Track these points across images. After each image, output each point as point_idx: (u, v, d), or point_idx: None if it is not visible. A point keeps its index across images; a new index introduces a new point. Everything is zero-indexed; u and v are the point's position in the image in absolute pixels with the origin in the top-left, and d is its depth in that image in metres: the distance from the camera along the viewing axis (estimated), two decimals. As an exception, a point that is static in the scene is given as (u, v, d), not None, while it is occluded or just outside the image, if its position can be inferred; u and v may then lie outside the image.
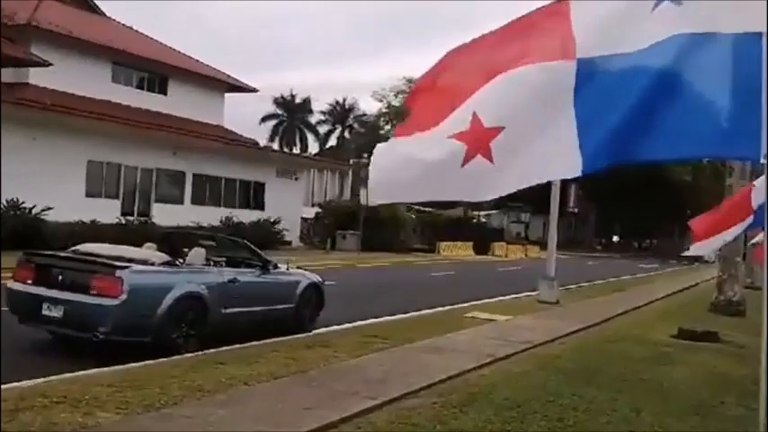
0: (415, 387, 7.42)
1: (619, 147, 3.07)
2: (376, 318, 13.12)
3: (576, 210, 62.98)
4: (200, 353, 8.70)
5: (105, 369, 7.56)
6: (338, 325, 11.93)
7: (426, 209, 46.11)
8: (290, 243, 34.94)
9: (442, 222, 46.17)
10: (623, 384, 8.26)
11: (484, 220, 59.11)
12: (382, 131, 67.55)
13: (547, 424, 6.45)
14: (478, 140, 3.16)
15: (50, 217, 22.73)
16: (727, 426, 6.84)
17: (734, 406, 7.54)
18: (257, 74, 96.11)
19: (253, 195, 35.16)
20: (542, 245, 44.79)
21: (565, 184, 46.90)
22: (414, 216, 42.69)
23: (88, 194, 26.52)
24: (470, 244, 44.72)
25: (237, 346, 9.33)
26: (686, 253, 8.08)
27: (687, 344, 11.65)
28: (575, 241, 71.19)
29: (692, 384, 8.52)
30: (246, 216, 32.12)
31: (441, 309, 15.10)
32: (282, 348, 9.17)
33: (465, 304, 15.90)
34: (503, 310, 14.91)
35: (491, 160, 3.16)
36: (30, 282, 8.75)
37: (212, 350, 8.90)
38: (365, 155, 63.80)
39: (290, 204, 35.94)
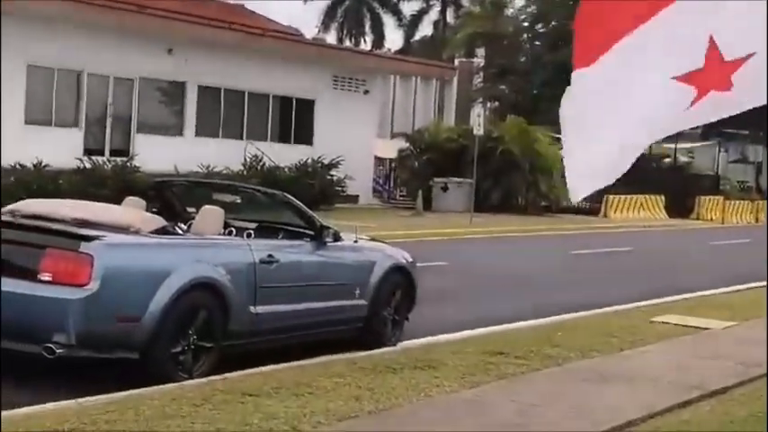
0: (572, 438, 7.42)
1: None
2: (503, 323, 13.13)
3: None
4: (218, 377, 8.87)
5: (67, 403, 7.77)
6: (441, 335, 11.97)
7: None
8: (356, 199, 35.22)
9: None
10: None
11: (684, 158, 57.94)
12: (510, 10, 66.65)
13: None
14: (715, 76, 3.82)
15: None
16: None
17: None
18: None
19: (295, 121, 35.51)
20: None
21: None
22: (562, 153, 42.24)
23: (30, 121, 27.33)
24: (660, 199, 44.09)
25: (278, 367, 9.46)
26: None
27: None
28: None
29: None
30: (285, 155, 32.52)
31: (609, 309, 15.01)
32: (350, 372, 9.25)
33: (651, 302, 15.76)
34: (717, 313, 14.70)
35: (728, 90, 3.83)
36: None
37: (237, 374, 9.06)
38: (480, 51, 63.35)
39: (355, 135, 36.16)
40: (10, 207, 9.80)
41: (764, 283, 18.30)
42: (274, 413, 7.54)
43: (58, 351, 8.39)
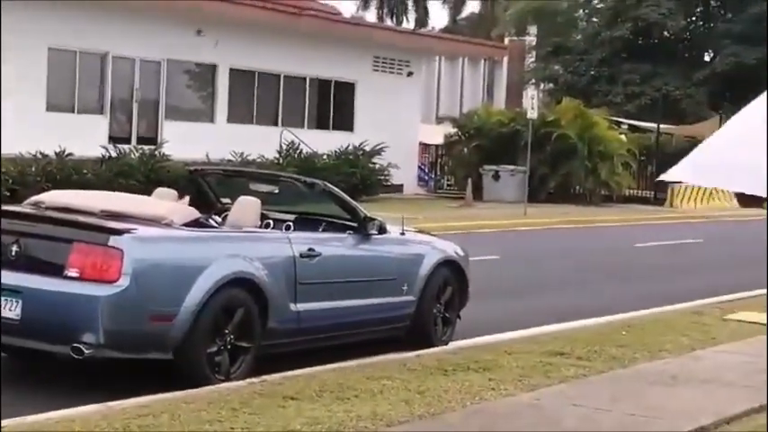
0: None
1: None
2: (561, 321, 13.10)
3: None
4: (256, 380, 8.90)
5: (97, 407, 7.82)
6: (496, 334, 11.98)
7: (650, 125, 45.41)
8: (401, 188, 35.24)
9: (675, 151, 45.38)
10: None
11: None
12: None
13: None
14: None
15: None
16: None
17: None
18: None
19: (334, 106, 35.59)
20: None
21: None
22: (624, 137, 42.04)
23: (52, 107, 27.52)
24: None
25: (320, 368, 9.48)
26: None
27: None
28: None
29: None
30: (323, 142, 32.55)
31: (680, 306, 14.94)
32: (399, 374, 9.27)
33: (724, 298, 15.67)
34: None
35: None
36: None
37: (278, 375, 9.09)
38: (532, 29, 63.12)
39: (399, 121, 36.23)
40: (34, 198, 9.92)
41: None
42: (318, 418, 7.56)
43: (86, 351, 8.46)
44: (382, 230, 11.01)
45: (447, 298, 11.63)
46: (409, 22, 74.78)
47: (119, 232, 8.64)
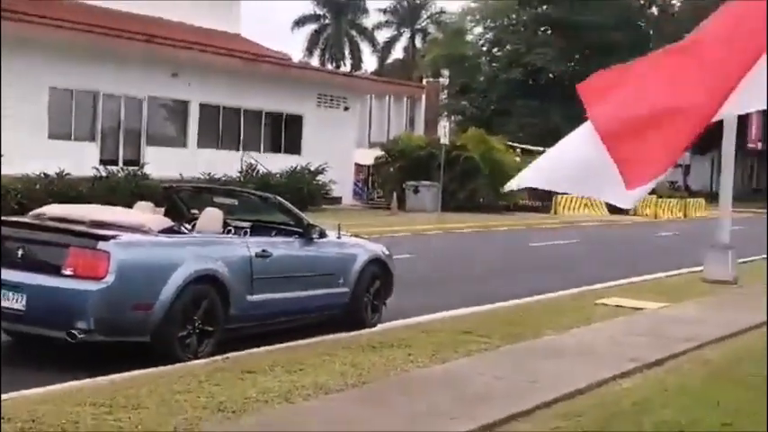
0: (528, 405, 7.41)
1: None
2: (468, 306, 13.13)
3: (760, 146, 61.52)
4: (219, 358, 8.85)
5: (88, 382, 7.76)
6: (414, 317, 11.97)
7: (537, 147, 45.72)
8: (339, 200, 35.23)
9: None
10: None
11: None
12: (470, 37, 66.90)
13: (724, 459, 6.37)
14: None
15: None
16: None
17: None
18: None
19: (285, 133, 35.50)
20: (710, 198, 43.80)
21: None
22: (518, 159, 42.35)
23: (52, 136, 27.20)
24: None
25: (272, 347, 9.46)
26: None
27: None
28: (757, 192, 69.54)
29: None
30: (277, 163, 32.48)
31: (561, 293, 15.04)
32: (335, 350, 9.26)
33: (596, 286, 15.80)
34: (652, 295, 14.77)
35: None
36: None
37: (237, 353, 9.04)
38: (445, 72, 63.49)
39: (338, 146, 36.19)
40: (37, 211, 9.81)
41: (693, 269, 18.45)
42: (270, 388, 7.54)
43: (79, 336, 8.42)
44: (323, 235, 11.03)
45: (375, 289, 11.62)
46: (346, 66, 74.92)
47: (106, 238, 8.59)
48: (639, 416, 7.33)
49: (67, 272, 8.50)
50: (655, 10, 67.30)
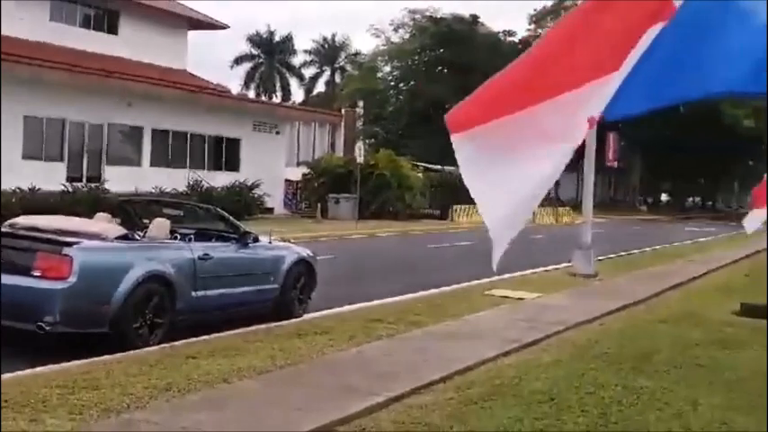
0: (428, 380, 7.46)
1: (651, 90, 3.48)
2: (379, 299, 13.16)
3: (616, 164, 62.93)
4: (167, 345, 8.74)
5: (54, 367, 7.60)
6: (334, 308, 11.96)
7: (437, 167, 46.08)
8: (271, 210, 34.99)
9: (455, 182, 46.16)
10: (677, 373, 8.29)
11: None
12: (380, 74, 67.32)
13: (586, 420, 6.48)
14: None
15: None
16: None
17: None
18: (226, 7, 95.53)
19: (225, 154, 35.15)
20: (576, 207, 44.71)
21: (603, 133, 46.88)
22: (421, 175, 42.62)
23: (26, 156, 26.58)
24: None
25: (212, 336, 9.36)
26: (746, 225, 8.03)
27: (752, 322, 11.66)
28: (615, 202, 71.16)
29: (758, 370, 8.55)
30: (218, 179, 32.13)
31: (456, 287, 15.16)
32: (267, 338, 9.22)
33: (485, 280, 15.94)
34: (530, 287, 14.97)
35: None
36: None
37: (182, 342, 8.94)
38: (360, 102, 63.69)
39: (270, 164, 35.97)
40: (11, 221, 9.65)
41: (557, 266, 18.77)
42: (210, 371, 7.47)
43: (47, 328, 8.28)
44: (256, 240, 11.00)
45: (301, 285, 11.59)
46: (277, 98, 74.54)
47: (69, 244, 8.48)
48: (519, 386, 7.43)
49: (36, 273, 8.38)
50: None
